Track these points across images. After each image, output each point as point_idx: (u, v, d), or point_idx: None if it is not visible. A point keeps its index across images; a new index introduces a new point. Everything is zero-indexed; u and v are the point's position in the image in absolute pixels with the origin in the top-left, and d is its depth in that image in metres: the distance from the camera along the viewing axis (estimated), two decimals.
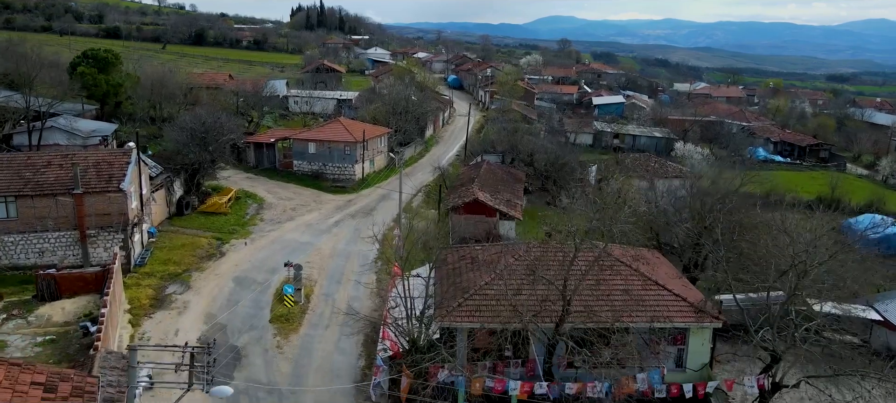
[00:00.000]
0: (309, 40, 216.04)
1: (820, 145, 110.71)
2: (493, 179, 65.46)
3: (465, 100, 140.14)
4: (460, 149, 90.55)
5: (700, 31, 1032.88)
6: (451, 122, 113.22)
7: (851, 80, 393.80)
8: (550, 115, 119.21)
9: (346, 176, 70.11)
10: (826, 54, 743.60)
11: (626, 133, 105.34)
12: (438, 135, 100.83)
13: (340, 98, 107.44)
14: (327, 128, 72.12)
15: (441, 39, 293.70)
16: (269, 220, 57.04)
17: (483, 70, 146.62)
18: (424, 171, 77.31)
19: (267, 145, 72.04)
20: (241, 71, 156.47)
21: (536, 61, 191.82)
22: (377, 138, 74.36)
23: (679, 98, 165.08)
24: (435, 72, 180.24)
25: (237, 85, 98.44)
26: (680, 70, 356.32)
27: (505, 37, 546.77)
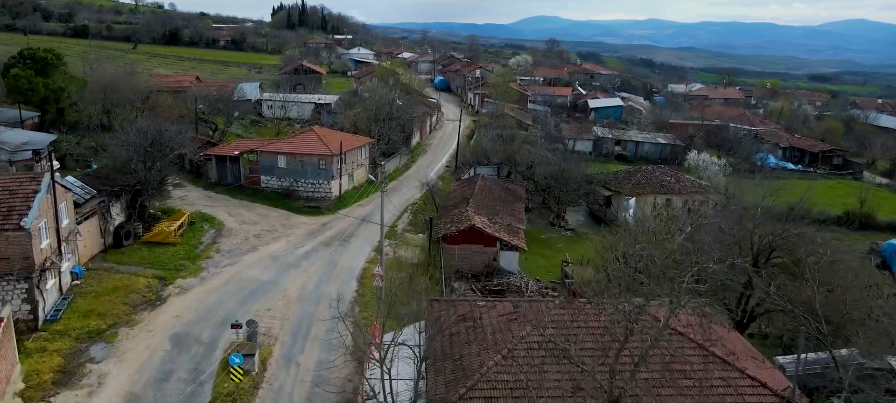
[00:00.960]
0: (289, 40, 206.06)
1: (833, 151, 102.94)
2: (490, 198, 56.54)
3: (453, 104, 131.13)
4: (450, 159, 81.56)
5: (683, 31, 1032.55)
6: (439, 128, 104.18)
7: (833, 80, 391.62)
8: (545, 119, 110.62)
9: (320, 194, 60.86)
10: (807, 54, 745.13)
11: (628, 139, 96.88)
12: (426, 143, 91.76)
13: (319, 102, 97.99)
14: (299, 138, 62.82)
15: (427, 39, 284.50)
16: (227, 251, 47.66)
17: (472, 71, 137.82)
18: (411, 186, 68.24)
19: (230, 158, 62.61)
20: (216, 72, 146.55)
21: (526, 61, 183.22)
22: (357, 149, 65.18)
23: (674, 100, 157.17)
24: (421, 73, 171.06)
25: (205, 88, 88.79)
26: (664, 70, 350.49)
27: (490, 37, 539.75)
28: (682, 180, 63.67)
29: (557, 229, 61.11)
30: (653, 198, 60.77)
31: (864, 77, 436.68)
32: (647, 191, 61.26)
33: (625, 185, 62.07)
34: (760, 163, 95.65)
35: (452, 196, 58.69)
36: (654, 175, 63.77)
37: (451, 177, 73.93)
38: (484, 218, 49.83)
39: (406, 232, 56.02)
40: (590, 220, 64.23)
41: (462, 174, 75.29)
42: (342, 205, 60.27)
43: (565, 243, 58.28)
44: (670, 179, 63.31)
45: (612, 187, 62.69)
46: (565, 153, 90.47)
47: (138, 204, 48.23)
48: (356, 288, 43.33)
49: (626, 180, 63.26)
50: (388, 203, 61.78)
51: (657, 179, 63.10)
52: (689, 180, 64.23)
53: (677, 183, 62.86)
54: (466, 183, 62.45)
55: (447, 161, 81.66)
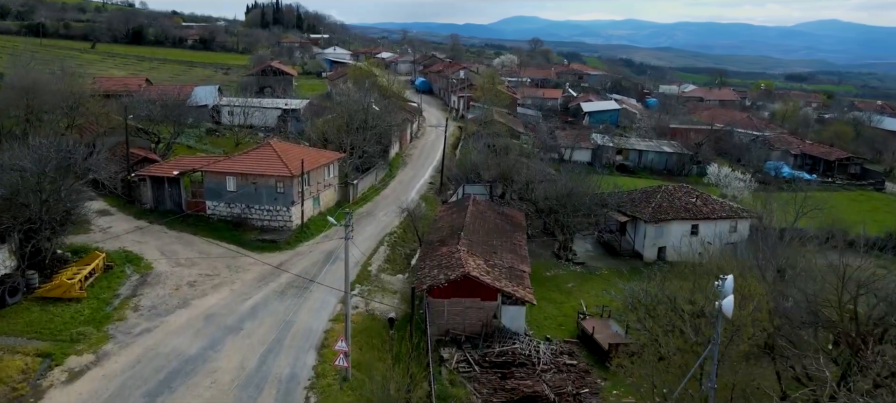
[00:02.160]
0: (262, 39, 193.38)
1: (850, 159, 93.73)
2: (485, 229, 45.76)
3: (435, 107, 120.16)
4: (435, 174, 70.66)
5: (661, 31, 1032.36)
6: (420, 136, 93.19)
7: (809, 79, 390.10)
8: (537, 125, 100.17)
9: (278, 223, 49.61)
10: (782, 54, 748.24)
11: (630, 148, 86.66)
12: (406, 154, 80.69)
13: (286, 108, 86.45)
14: (254, 155, 51.41)
15: (407, 39, 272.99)
16: (149, 309, 36.34)
17: (455, 72, 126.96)
18: (388, 209, 57.20)
19: (169, 180, 51.06)
20: (178, 73, 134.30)
21: (511, 62, 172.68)
22: (323, 167, 53.97)
23: (667, 102, 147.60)
24: (401, 73, 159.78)
25: (154, 92, 76.83)
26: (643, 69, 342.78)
27: (471, 37, 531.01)
28: (710, 202, 53.37)
29: (564, 262, 50.51)
30: (678, 226, 50.51)
31: (839, 76, 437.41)
32: (670, 216, 50.89)
33: (643, 209, 51.60)
34: (774, 174, 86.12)
35: (438, 225, 47.79)
36: (677, 196, 53.39)
37: (435, 197, 63.00)
38: (479, 259, 39.02)
39: (382, 274, 44.95)
40: (600, 250, 53.71)
41: (448, 193, 64.49)
42: (304, 237, 49.06)
43: (575, 281, 47.72)
44: (696, 201, 52.97)
45: (629, 211, 52.17)
46: (563, 163, 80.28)
47: (30, 247, 36.62)
48: (314, 363, 32.30)
49: (645, 203, 52.82)
50: (361, 232, 50.87)
51: (681, 201, 52.74)
52: (717, 201, 53.93)
53: (705, 205, 52.54)
54: (455, 207, 51.59)
55: (431, 175, 70.71)
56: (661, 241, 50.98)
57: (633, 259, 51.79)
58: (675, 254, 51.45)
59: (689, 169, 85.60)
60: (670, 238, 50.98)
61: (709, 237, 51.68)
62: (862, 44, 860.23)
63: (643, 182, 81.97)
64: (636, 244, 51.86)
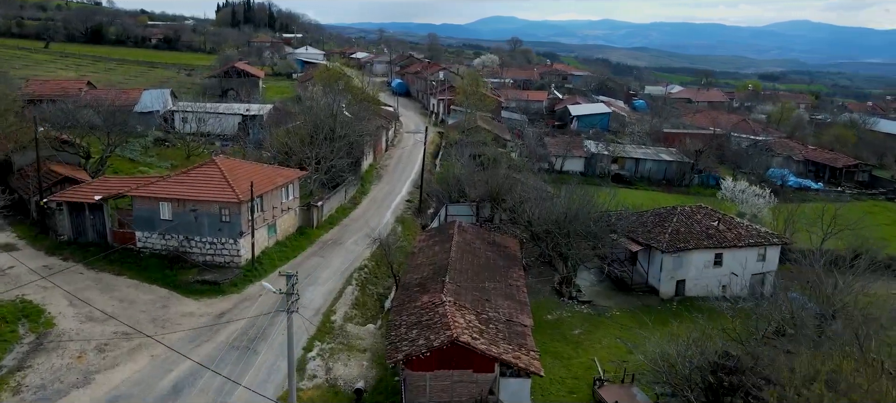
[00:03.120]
0: (231, 38, 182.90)
1: (857, 166, 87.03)
2: (474, 266, 37.38)
3: (413, 110, 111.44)
4: (412, 189, 62.05)
5: (636, 31, 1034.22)
6: (397, 143, 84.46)
7: (781, 79, 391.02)
8: (523, 130, 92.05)
9: (223, 258, 40.68)
10: (755, 54, 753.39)
11: (627, 156, 78.83)
12: (381, 166, 71.92)
13: (247, 113, 77.16)
14: (195, 175, 42.28)
15: (384, 38, 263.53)
16: (36, 389, 27.41)
17: (434, 73, 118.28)
18: (358, 235, 48.42)
19: (91, 206, 41.80)
20: (138, 74, 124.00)
21: (492, 62, 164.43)
22: (280, 189, 45.05)
23: (655, 103, 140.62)
24: (376, 75, 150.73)
25: (103, 96, 67.09)
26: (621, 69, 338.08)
27: (448, 37, 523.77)
28: (735, 226, 45.48)
29: (567, 301, 42.28)
30: (700, 256, 42.55)
31: (810, 76, 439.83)
32: (690, 244, 42.90)
33: (658, 236, 43.53)
34: (781, 183, 78.99)
35: (418, 260, 39.23)
36: (696, 219, 45.43)
37: (414, 219, 54.39)
38: (469, 313, 30.61)
39: (349, 324, 36.26)
40: (607, 283, 45.59)
41: (429, 212, 56.01)
42: (255, 275, 40.14)
43: (583, 325, 39.55)
44: (717, 224, 45.06)
45: (642, 239, 44.07)
46: (554, 174, 72.18)
47: None
48: None
49: (659, 228, 44.76)
50: (325, 267, 42.14)
51: (701, 225, 44.79)
52: (741, 225, 46.04)
53: (729, 231, 44.64)
54: (437, 236, 43.05)
55: (409, 191, 62.06)
56: (679, 274, 43.05)
57: (647, 294, 43.79)
58: (697, 288, 43.58)
59: (690, 178, 78.14)
60: (690, 269, 43.06)
61: (734, 267, 43.87)
62: (831, 44, 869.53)
63: (642, 194, 74.34)
64: (650, 276, 43.85)
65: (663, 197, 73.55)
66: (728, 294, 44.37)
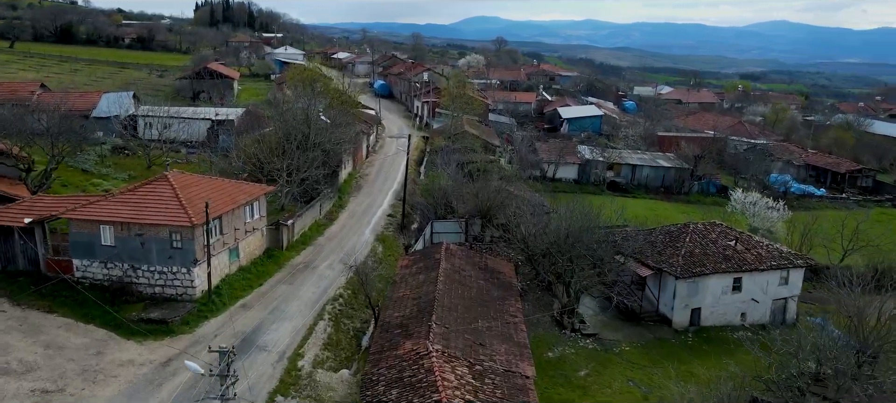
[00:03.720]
0: (208, 38, 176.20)
1: (861, 170, 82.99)
2: (464, 300, 32.20)
3: (396, 113, 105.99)
4: (395, 201, 56.66)
5: (619, 31, 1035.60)
6: (378, 149, 79.01)
7: (762, 79, 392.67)
8: (512, 135, 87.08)
9: (175, 290, 35.07)
10: (736, 54, 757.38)
11: (623, 163, 74.01)
12: (361, 175, 66.43)
13: (216, 118, 71.34)
14: (142, 195, 36.52)
15: (367, 38, 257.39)
16: None
17: (418, 74, 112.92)
18: (333, 260, 42.98)
19: (21, 231, 35.93)
20: (107, 75, 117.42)
21: (478, 62, 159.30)
22: (242, 208, 39.47)
23: (646, 105, 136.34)
24: (358, 76, 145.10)
25: (53, 100, 60.89)
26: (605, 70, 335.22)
27: (432, 37, 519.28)
28: (754, 245, 40.62)
29: (570, 334, 37.17)
30: (718, 281, 37.64)
31: (790, 76, 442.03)
32: (707, 268, 37.97)
33: (671, 259, 38.55)
34: (784, 190, 74.63)
35: (399, 292, 33.87)
36: (711, 237, 40.51)
37: (396, 238, 49.03)
38: (461, 365, 25.40)
39: (319, 370, 30.82)
40: (612, 312, 40.47)
41: (413, 229, 50.72)
42: (212, 311, 34.55)
43: (589, 363, 34.43)
44: (734, 244, 40.18)
45: (653, 261, 39.05)
46: (547, 182, 67.17)
47: None
48: None
49: (670, 248, 39.77)
50: (293, 297, 36.72)
51: (717, 245, 39.89)
52: (761, 244, 41.16)
53: (748, 251, 39.78)
54: (422, 261, 37.71)
55: (391, 204, 56.63)
56: (695, 301, 38.12)
57: (658, 324, 38.82)
58: (713, 317, 38.69)
59: (690, 185, 73.50)
60: (707, 296, 38.15)
61: (755, 293, 39.04)
62: (810, 44, 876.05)
63: (640, 203, 69.59)
64: (661, 304, 38.89)
65: (663, 206, 68.88)
66: (747, 322, 39.61)
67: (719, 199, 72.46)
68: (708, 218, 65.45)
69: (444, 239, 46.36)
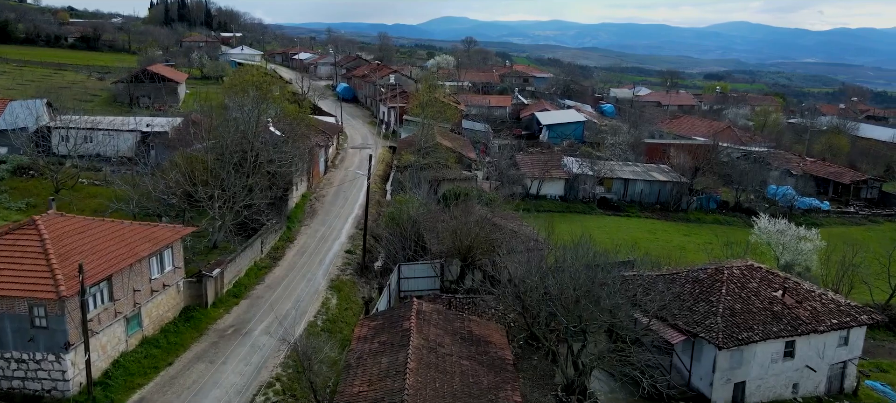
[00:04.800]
0: (159, 37, 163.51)
1: (866, 181, 75.99)
2: (446, 396, 22.76)
3: (360, 119, 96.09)
4: (355, 231, 46.91)
5: (585, 31, 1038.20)
6: (339, 163, 69.16)
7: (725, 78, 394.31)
8: (488, 144, 78.06)
9: (39, 384, 25.03)
10: (699, 54, 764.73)
11: (614, 177, 65.42)
12: (316, 197, 56.46)
13: (147, 130, 60.66)
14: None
15: (332, 37, 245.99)
16: None
17: (384, 77, 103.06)
18: (271, 322, 33.02)
19: None
20: (41, 77, 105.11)
21: (447, 63, 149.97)
22: (149, 259, 29.37)
23: (628, 109, 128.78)
24: (321, 78, 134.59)
25: None
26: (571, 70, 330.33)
27: (401, 37, 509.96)
28: (805, 295, 31.99)
29: None
30: (767, 348, 28.89)
31: (751, 75, 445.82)
32: (755, 333, 29.19)
33: (708, 320, 29.63)
34: (789, 205, 67.00)
35: (354, 383, 24.24)
36: (750, 286, 31.79)
37: (355, 283, 39.36)
38: None
39: None
40: (629, 388, 31.38)
41: (375, 269, 41.19)
42: None
43: None
44: (781, 294, 31.51)
45: (684, 323, 30.11)
46: (532, 200, 58.11)
47: None
48: None
49: (704, 302, 30.89)
50: (212, 384, 26.86)
51: (760, 298, 31.16)
52: (814, 294, 32.49)
53: (799, 304, 31.14)
54: (386, 330, 28.09)
55: (350, 235, 46.86)
56: (738, 374, 29.39)
57: None
58: (760, 392, 30.03)
59: (688, 202, 65.34)
60: (753, 367, 29.46)
61: (810, 358, 30.49)
62: (769, 44, 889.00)
63: (635, 223, 61.11)
64: (695, 377, 30.05)
65: (661, 226, 60.51)
66: (800, 395, 31.07)
67: (721, 217, 64.58)
68: (703, 239, 58.13)
69: (415, 286, 37.06)
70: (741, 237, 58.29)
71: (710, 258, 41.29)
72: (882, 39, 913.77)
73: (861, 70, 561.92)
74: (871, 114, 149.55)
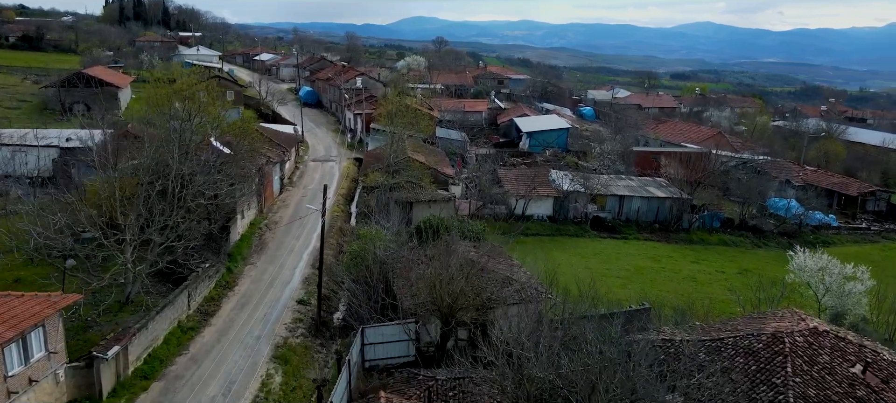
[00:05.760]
0: (111, 37, 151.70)
1: (873, 193, 69.89)
2: None
3: (325, 127, 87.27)
4: (311, 271, 38.27)
5: (554, 31, 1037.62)
6: (298, 180, 60.38)
7: (691, 78, 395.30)
8: (465, 155, 70.10)
9: None
10: (665, 54, 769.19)
11: (609, 194, 57.85)
12: (268, 225, 47.60)
13: (67, 145, 51.14)
14: None
15: (298, 37, 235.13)
16: None
17: (350, 80, 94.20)
18: None
19: None
20: None
21: (419, 64, 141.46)
22: (7, 346, 20.49)
23: (602, 110, 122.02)
24: (284, 80, 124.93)
25: None
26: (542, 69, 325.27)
27: (371, 37, 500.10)
28: (891, 371, 24.51)
29: None
30: None
31: (716, 74, 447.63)
32: None
33: None
34: (799, 222, 60.34)
35: None
36: (820, 359, 24.21)
37: (306, 349, 30.81)
38: None
39: None
40: None
41: (334, 327, 32.78)
42: None
43: None
44: (862, 369, 23.96)
45: None
46: (517, 221, 50.00)
47: None
48: None
49: (765, 386, 23.14)
50: None
51: (836, 377, 23.55)
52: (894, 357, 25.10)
53: (886, 386, 23.62)
54: None
55: (305, 276, 38.24)
56: None
57: None
58: None
59: (690, 220, 58.20)
60: None
61: None
62: (733, 44, 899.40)
63: (634, 247, 53.64)
64: None
65: (664, 251, 53.13)
66: None
67: (726, 237, 57.55)
68: (714, 266, 50.90)
69: (384, 353, 28.86)
70: (754, 263, 51.41)
71: (744, 306, 33.77)
72: (839, 40, 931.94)
73: (820, 69, 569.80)
74: (849, 115, 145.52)
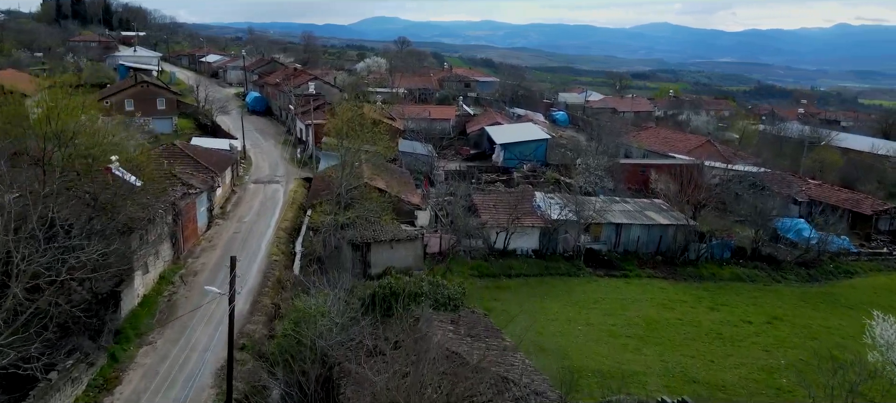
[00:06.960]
0: (42, 36, 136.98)
1: (887, 210, 62.43)
2: None
3: (274, 139, 76.33)
4: (236, 352, 27.81)
5: (516, 31, 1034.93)
6: (232, 210, 49.60)
7: (650, 77, 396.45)
8: (434, 174, 60.39)
9: None
10: (625, 54, 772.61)
11: (604, 221, 48.63)
12: (182, 279, 36.89)
13: None
14: None
15: (253, 37, 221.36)
16: None
17: (302, 84, 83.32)
18: None
19: None
20: None
21: (379, 65, 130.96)
22: None
23: (575, 115, 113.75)
24: (231, 84, 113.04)
25: None
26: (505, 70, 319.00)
27: (331, 37, 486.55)
28: None
29: None
30: None
31: (674, 74, 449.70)
32: None
33: None
34: (818, 250, 52.24)
35: None
36: None
37: None
38: None
39: None
40: None
41: None
42: None
43: None
44: None
45: None
46: (497, 259, 40.30)
47: None
48: None
49: None
50: None
51: None
52: None
53: None
54: None
55: (218, 369, 27.81)
56: None
57: None
58: None
59: (698, 251, 49.47)
60: None
61: None
62: (689, 44, 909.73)
63: (637, 287, 44.61)
64: None
65: (673, 292, 44.15)
66: None
67: (739, 270, 48.95)
68: (737, 314, 41.70)
69: None
70: (779, 306, 42.96)
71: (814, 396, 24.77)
72: (790, 40, 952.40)
73: (773, 69, 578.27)
74: (823, 117, 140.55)
